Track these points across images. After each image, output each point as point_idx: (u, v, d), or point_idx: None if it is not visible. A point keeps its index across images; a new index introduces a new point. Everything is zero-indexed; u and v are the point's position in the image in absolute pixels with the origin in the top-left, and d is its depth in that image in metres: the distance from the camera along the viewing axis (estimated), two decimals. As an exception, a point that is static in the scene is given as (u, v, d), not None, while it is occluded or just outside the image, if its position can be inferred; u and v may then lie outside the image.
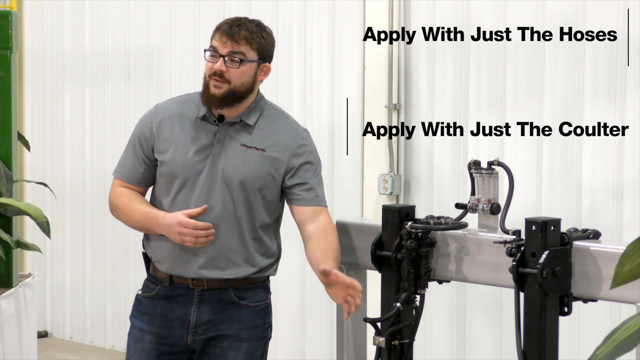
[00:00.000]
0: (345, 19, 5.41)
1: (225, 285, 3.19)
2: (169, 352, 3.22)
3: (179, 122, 3.21)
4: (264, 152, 3.17)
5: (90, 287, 6.65)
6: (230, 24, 3.14)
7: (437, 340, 5.13)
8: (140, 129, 3.25)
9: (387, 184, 5.17)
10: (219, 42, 3.12)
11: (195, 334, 3.20)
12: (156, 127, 3.22)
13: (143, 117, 3.28)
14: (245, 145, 3.17)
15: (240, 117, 3.19)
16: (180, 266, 3.18)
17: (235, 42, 3.11)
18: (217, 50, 3.12)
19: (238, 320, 3.21)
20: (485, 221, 3.01)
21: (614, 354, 1.61)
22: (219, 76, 3.11)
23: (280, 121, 3.24)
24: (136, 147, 3.25)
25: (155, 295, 3.24)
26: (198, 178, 3.16)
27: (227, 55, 3.11)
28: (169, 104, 3.29)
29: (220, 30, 3.14)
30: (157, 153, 3.21)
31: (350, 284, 2.99)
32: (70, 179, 6.69)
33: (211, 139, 3.17)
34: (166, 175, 3.20)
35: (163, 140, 3.20)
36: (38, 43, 6.78)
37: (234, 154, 3.16)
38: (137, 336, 3.27)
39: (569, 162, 4.65)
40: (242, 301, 3.21)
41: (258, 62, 3.16)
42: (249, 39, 3.12)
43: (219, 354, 3.21)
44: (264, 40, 3.16)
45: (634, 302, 2.63)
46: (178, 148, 3.18)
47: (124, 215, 3.25)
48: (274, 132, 3.21)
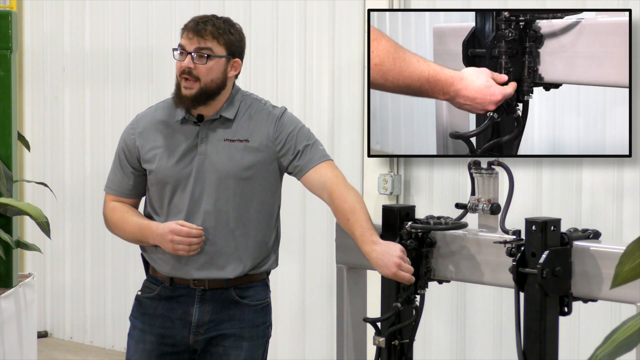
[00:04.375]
0: (345, 19, 5.41)
1: (227, 285, 3.20)
2: (170, 352, 3.22)
3: (160, 129, 3.22)
4: (248, 143, 3.18)
5: (90, 287, 6.64)
6: (197, 21, 3.16)
7: (437, 340, 5.13)
8: (124, 142, 3.28)
9: (387, 184, 5.17)
10: (185, 40, 3.14)
11: (197, 334, 3.20)
12: (138, 138, 3.24)
13: (125, 130, 3.30)
14: (229, 139, 3.18)
15: (219, 113, 3.19)
16: (179, 269, 3.18)
17: (202, 38, 3.12)
18: (184, 48, 3.13)
19: (239, 320, 3.22)
20: (485, 221, 3.01)
21: (614, 354, 1.61)
22: (188, 74, 3.11)
23: (256, 108, 3.24)
24: (122, 160, 3.27)
25: (156, 295, 3.24)
26: (188, 181, 3.17)
27: (194, 52, 3.11)
28: (148, 112, 3.30)
29: (187, 27, 3.16)
30: (144, 163, 3.23)
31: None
32: (70, 179, 6.68)
33: (194, 140, 3.18)
34: (156, 184, 3.21)
35: (147, 150, 3.22)
36: (38, 43, 6.78)
37: (219, 151, 3.17)
38: (138, 337, 3.27)
39: (569, 162, 4.65)
40: (243, 300, 3.21)
41: (227, 58, 3.16)
42: (215, 34, 3.13)
43: (221, 353, 3.21)
44: (232, 36, 3.16)
45: (634, 302, 2.63)
46: (164, 155, 3.19)
47: (118, 229, 3.27)
48: (254, 120, 3.21)
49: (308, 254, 5.57)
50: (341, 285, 3.28)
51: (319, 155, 3.21)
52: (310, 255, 5.57)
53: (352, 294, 3.28)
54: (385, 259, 2.94)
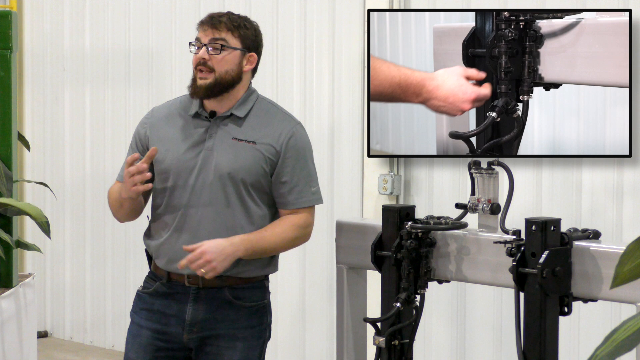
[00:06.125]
0: (345, 19, 5.40)
1: (221, 284, 3.19)
2: (165, 347, 3.24)
3: (172, 121, 3.26)
4: (255, 145, 3.19)
5: (90, 287, 6.64)
6: (212, 15, 3.21)
7: (437, 340, 5.13)
8: (137, 130, 3.32)
9: (387, 184, 5.17)
10: (201, 33, 3.19)
11: (191, 332, 3.21)
12: (150, 127, 3.27)
13: (141, 120, 3.34)
14: (237, 138, 3.19)
15: (231, 111, 3.21)
16: (175, 262, 3.19)
17: (216, 30, 3.16)
18: (200, 40, 3.18)
19: (233, 320, 3.22)
20: (485, 221, 3.01)
21: (614, 354, 1.62)
22: (203, 65, 3.16)
23: (272, 112, 3.26)
24: (133, 148, 3.31)
25: (153, 291, 3.26)
26: (191, 174, 3.19)
27: (209, 43, 3.16)
28: (164, 105, 3.36)
29: (203, 22, 3.21)
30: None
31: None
32: (70, 179, 6.68)
33: (203, 135, 3.20)
34: (160, 174, 3.23)
35: (157, 139, 3.24)
36: (38, 43, 6.78)
37: (225, 148, 3.18)
38: (135, 331, 3.29)
39: (569, 162, 4.65)
40: (238, 301, 3.21)
41: (242, 51, 3.18)
42: (230, 27, 3.17)
43: (215, 352, 3.22)
44: (247, 30, 3.21)
45: (634, 302, 2.63)
46: (171, 146, 3.22)
47: (112, 200, 3.28)
48: (266, 123, 3.22)
49: (308, 254, 5.57)
50: (341, 285, 3.28)
51: (305, 200, 3.24)
52: (310, 255, 5.57)
53: (352, 294, 3.29)
54: (211, 254, 3.06)
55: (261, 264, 3.23)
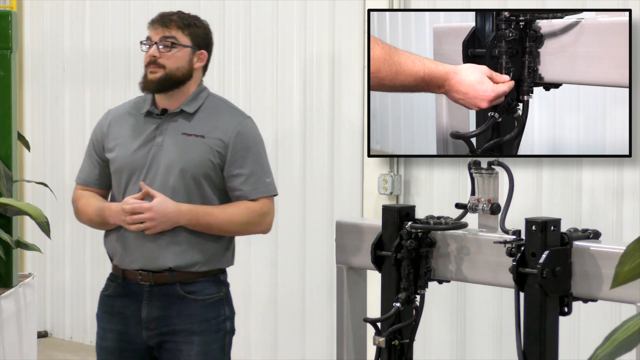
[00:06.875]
0: (345, 19, 5.40)
1: (171, 280, 3.23)
2: (129, 349, 3.29)
3: (125, 120, 3.33)
4: (204, 139, 3.23)
5: (90, 287, 6.64)
6: (163, 14, 3.28)
7: (437, 340, 5.13)
8: (94, 132, 3.41)
9: (387, 184, 5.17)
10: (152, 31, 3.26)
11: (149, 330, 3.25)
12: (106, 127, 3.35)
13: (97, 122, 3.43)
14: (186, 133, 3.25)
15: (181, 107, 3.25)
16: (126, 257, 3.25)
17: (167, 28, 3.23)
18: (151, 39, 3.24)
19: (188, 315, 3.25)
20: (485, 221, 3.01)
21: (614, 354, 1.62)
22: (154, 63, 3.21)
23: (222, 108, 3.32)
24: (90, 150, 3.40)
25: (112, 292, 3.33)
26: (142, 171, 3.25)
27: (159, 41, 3.22)
28: (120, 106, 3.44)
29: (153, 20, 3.28)
30: (106, 152, 3.34)
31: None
32: (70, 179, 6.66)
33: (154, 132, 3.27)
34: (115, 172, 3.30)
35: (111, 139, 3.32)
36: (38, 43, 6.78)
37: (174, 143, 3.23)
38: (101, 335, 3.36)
39: (569, 162, 4.65)
40: (190, 295, 3.25)
41: (192, 48, 3.23)
42: (180, 25, 3.24)
43: (174, 349, 3.25)
44: (197, 28, 3.28)
45: (634, 302, 2.63)
46: (124, 144, 3.29)
47: (82, 214, 3.39)
48: (215, 118, 3.27)
49: (308, 254, 5.57)
50: (341, 285, 3.28)
51: (262, 189, 3.26)
52: (310, 255, 5.57)
53: (352, 294, 3.28)
54: (154, 213, 3.14)
55: (211, 258, 3.25)
